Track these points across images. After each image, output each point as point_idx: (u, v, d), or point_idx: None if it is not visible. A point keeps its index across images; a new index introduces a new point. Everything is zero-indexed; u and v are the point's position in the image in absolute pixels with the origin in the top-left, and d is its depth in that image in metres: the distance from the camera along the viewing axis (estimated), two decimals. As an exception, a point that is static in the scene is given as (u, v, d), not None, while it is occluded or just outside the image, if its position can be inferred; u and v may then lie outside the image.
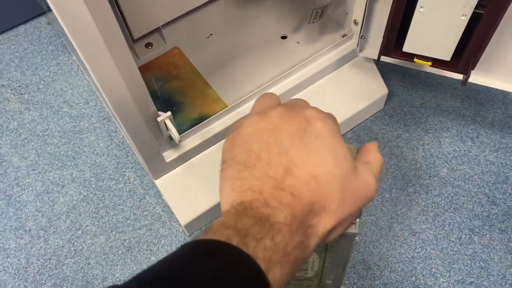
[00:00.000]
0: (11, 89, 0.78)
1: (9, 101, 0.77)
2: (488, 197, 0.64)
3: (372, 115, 0.71)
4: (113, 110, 0.44)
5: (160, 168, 0.58)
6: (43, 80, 0.79)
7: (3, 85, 0.79)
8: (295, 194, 0.27)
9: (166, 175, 0.60)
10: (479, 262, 0.59)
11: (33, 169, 0.70)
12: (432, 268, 0.59)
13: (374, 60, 0.58)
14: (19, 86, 0.78)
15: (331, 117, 0.32)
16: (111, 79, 0.41)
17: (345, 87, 0.68)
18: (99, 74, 0.40)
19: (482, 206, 0.63)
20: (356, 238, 0.35)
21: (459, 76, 0.55)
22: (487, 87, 0.57)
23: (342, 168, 0.29)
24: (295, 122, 0.30)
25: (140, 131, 0.49)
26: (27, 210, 0.66)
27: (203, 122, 0.58)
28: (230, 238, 0.25)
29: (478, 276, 0.58)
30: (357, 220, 0.33)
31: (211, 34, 0.70)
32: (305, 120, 0.30)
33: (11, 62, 0.81)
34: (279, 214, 0.26)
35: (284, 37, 0.69)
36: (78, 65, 0.80)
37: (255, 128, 0.31)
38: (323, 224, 0.28)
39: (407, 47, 0.53)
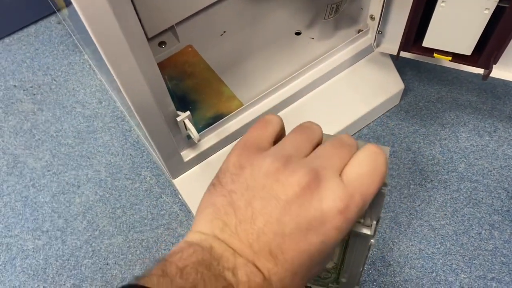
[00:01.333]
0: (24, 90, 0.78)
1: (22, 102, 0.77)
2: (508, 192, 0.63)
3: (388, 110, 0.71)
4: (134, 110, 0.44)
5: (178, 167, 0.58)
6: (55, 80, 0.78)
7: (15, 86, 0.78)
8: (268, 279, 0.26)
9: (184, 174, 0.59)
10: (500, 258, 0.59)
11: (48, 170, 0.70)
12: (452, 264, 0.59)
13: (392, 56, 0.58)
14: (31, 87, 0.78)
15: (354, 213, 0.27)
16: (132, 77, 0.41)
17: (361, 83, 0.67)
18: (121, 72, 0.40)
19: (501, 201, 0.63)
20: (372, 240, 0.34)
21: (477, 70, 0.55)
22: (503, 81, 0.56)
23: (320, 268, 0.29)
24: (312, 209, 0.26)
25: (160, 131, 0.49)
26: (43, 211, 0.66)
27: (220, 121, 0.58)
28: None
29: (500, 271, 0.58)
30: (374, 222, 0.32)
31: (224, 32, 0.70)
32: (327, 208, 0.26)
33: (23, 62, 0.81)
34: None
35: (298, 33, 0.69)
36: (90, 64, 0.80)
37: (272, 180, 0.27)
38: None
39: (427, 42, 0.52)
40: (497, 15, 0.46)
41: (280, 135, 0.32)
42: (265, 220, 0.26)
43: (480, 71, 0.54)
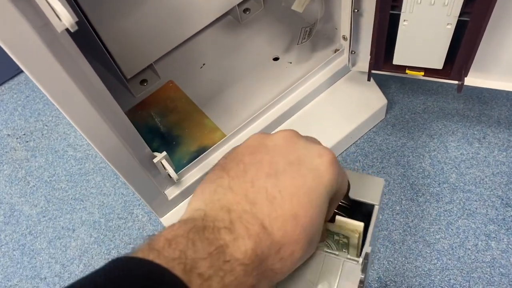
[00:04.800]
0: (17, 138, 0.80)
1: (15, 150, 0.78)
2: (502, 199, 0.62)
3: (374, 126, 0.70)
4: (106, 159, 0.45)
5: (163, 206, 0.58)
6: (46, 125, 0.80)
7: (8, 134, 0.80)
8: (267, 227, 0.24)
9: (171, 211, 0.60)
10: (498, 269, 0.57)
11: (44, 216, 0.71)
12: (450, 279, 0.58)
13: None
14: (24, 134, 0.80)
15: (339, 167, 0.28)
16: (98, 130, 0.41)
17: (343, 102, 0.67)
18: (85, 128, 0.40)
19: (496, 209, 0.61)
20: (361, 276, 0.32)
21: (452, 82, 0.54)
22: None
23: (319, 222, 0.26)
24: (299, 150, 0.27)
25: (137, 175, 0.49)
26: (41, 258, 0.67)
27: (200, 156, 0.58)
28: (173, 267, 0.21)
29: (499, 283, 0.57)
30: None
31: (204, 64, 0.70)
32: (313, 154, 0.27)
33: (15, 110, 0.83)
34: (240, 246, 0.23)
35: (276, 59, 0.69)
36: (79, 107, 0.81)
37: (257, 142, 0.28)
38: (285, 271, 0.25)
39: (397, 60, 0.52)
40: (462, 28, 0.46)
41: None
42: (256, 168, 0.26)
43: (455, 82, 0.53)
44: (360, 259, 0.30)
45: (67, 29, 0.33)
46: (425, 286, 0.58)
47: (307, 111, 0.66)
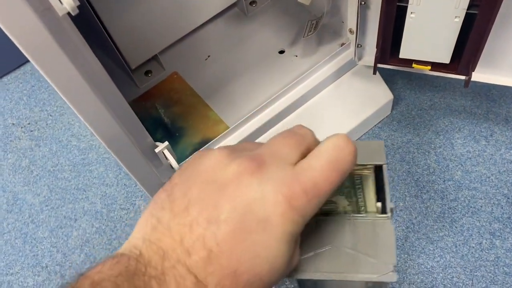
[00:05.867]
0: (21, 127, 0.80)
1: (20, 139, 0.78)
2: (508, 198, 0.61)
3: (380, 121, 0.70)
4: (108, 148, 0.44)
5: (165, 197, 0.58)
6: (50, 115, 0.80)
7: (13, 124, 0.80)
8: (202, 282, 0.22)
9: (173, 203, 0.59)
10: (502, 268, 0.57)
11: (46, 205, 0.71)
12: (453, 277, 0.57)
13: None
14: (29, 124, 0.80)
15: (311, 199, 0.23)
16: (100, 118, 0.41)
17: (349, 96, 0.66)
18: (87, 116, 0.40)
19: (501, 208, 0.60)
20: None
21: (460, 77, 0.53)
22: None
23: (274, 276, 0.23)
24: (251, 192, 0.23)
25: (139, 164, 0.49)
26: (43, 247, 0.67)
27: (203, 147, 0.58)
28: None
29: (503, 282, 0.56)
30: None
31: (208, 56, 0.70)
32: (267, 199, 0.23)
33: (20, 100, 0.83)
34: None
35: (281, 52, 0.68)
36: (83, 97, 0.81)
37: (217, 166, 0.24)
38: None
39: (403, 53, 0.51)
40: (469, 21, 0.45)
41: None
42: (200, 207, 0.23)
43: (462, 77, 0.53)
44: (389, 214, 0.30)
45: (69, 15, 0.33)
46: (427, 284, 0.57)
47: (311, 105, 0.66)
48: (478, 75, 0.53)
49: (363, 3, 0.51)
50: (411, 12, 0.46)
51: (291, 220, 0.23)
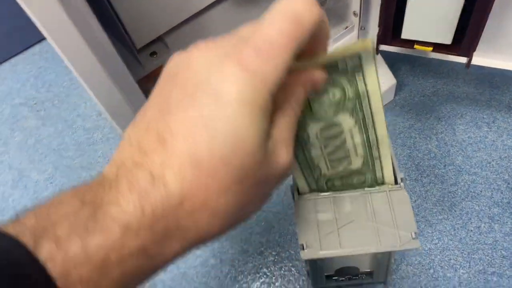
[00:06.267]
0: (28, 107, 0.81)
1: (26, 118, 0.80)
2: (508, 183, 0.61)
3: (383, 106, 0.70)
4: (116, 124, 0.45)
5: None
6: (57, 96, 0.81)
7: (21, 103, 0.81)
8: (157, 178, 0.19)
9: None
10: (500, 251, 0.57)
11: (51, 183, 0.72)
12: (450, 259, 0.57)
13: (381, 51, 0.57)
14: (35, 104, 0.81)
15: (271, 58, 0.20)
16: (108, 94, 0.42)
17: (351, 80, 0.66)
18: (91, 83, 0.41)
19: (501, 193, 0.61)
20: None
21: (461, 59, 0.53)
22: (501, 70, 0.55)
23: (246, 160, 0.20)
24: (202, 72, 0.21)
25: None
26: (46, 223, 0.68)
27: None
28: (22, 232, 0.18)
29: (500, 265, 0.56)
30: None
31: (213, 38, 0.70)
32: (220, 75, 0.20)
33: (27, 81, 0.84)
34: (121, 204, 0.19)
35: (286, 35, 0.69)
36: (90, 79, 0.82)
37: (175, 65, 0.23)
38: (204, 226, 0.20)
39: (405, 34, 0.51)
40: (471, 1, 0.45)
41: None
42: (154, 104, 0.21)
43: (464, 59, 0.53)
44: (401, 184, 0.31)
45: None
46: (425, 265, 0.57)
47: (314, 88, 0.66)
48: (480, 59, 0.53)
49: (366, -17, 0.52)
50: (414, -9, 0.46)
51: (246, 84, 0.20)
